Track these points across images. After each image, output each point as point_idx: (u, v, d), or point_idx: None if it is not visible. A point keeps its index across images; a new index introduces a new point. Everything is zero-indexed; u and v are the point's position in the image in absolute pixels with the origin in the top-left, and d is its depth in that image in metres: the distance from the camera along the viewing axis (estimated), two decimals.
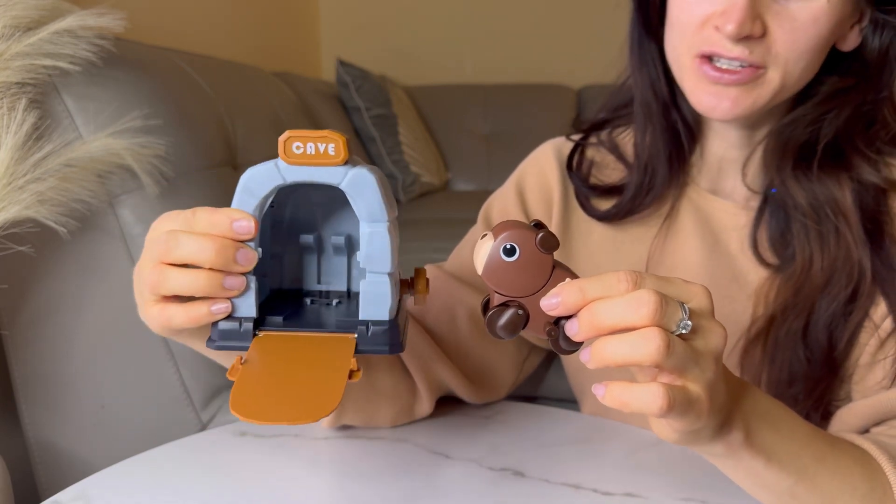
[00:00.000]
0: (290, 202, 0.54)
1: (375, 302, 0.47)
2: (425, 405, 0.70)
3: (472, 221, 0.81)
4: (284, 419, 0.41)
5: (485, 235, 0.45)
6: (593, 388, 0.43)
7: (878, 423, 0.62)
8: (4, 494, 0.86)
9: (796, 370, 0.65)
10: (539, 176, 0.78)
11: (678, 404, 0.41)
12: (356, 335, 0.47)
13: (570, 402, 0.85)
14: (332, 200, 0.53)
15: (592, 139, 0.79)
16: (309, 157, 0.46)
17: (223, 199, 1.13)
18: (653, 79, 0.71)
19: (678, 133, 0.72)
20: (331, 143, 0.45)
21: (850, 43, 0.67)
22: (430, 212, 2.19)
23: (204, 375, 1.01)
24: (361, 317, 0.47)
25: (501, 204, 0.80)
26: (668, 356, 0.40)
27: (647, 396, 0.41)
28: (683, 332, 0.42)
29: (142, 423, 1.01)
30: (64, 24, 0.92)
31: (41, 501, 0.60)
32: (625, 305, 0.41)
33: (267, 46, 2.29)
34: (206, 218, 0.46)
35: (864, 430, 0.63)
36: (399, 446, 0.67)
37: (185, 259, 0.46)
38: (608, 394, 0.42)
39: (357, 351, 0.47)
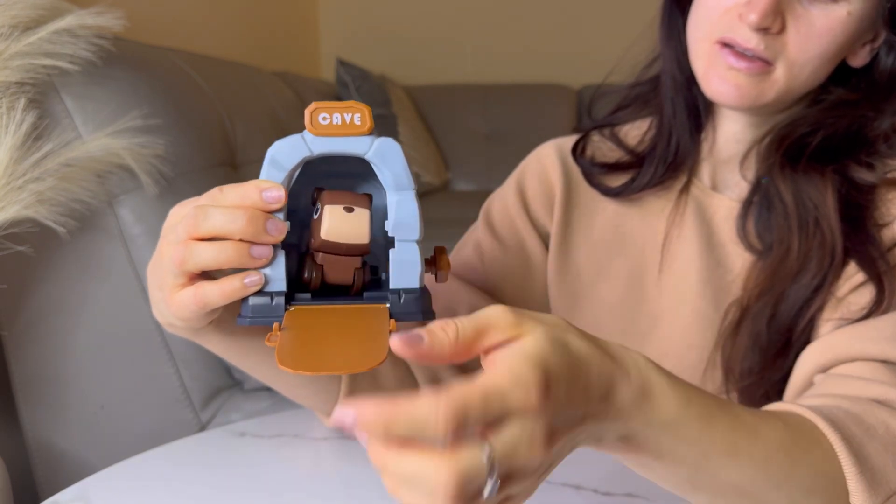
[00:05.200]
0: (304, 194, 0.53)
1: (406, 270, 0.47)
2: None
3: (472, 221, 0.81)
4: (336, 368, 0.42)
5: (352, 209, 0.46)
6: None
7: (823, 370, 0.61)
8: (4, 494, 0.86)
9: (754, 350, 0.66)
10: (540, 172, 0.79)
11: None
12: (388, 304, 0.47)
13: None
14: (349, 188, 0.52)
15: (595, 135, 0.79)
16: (335, 128, 0.46)
17: None
18: (678, 53, 0.72)
19: (699, 109, 0.74)
20: (356, 113, 0.45)
21: (860, 60, 0.68)
22: (430, 212, 2.17)
23: (203, 376, 1.01)
24: (392, 286, 0.47)
25: (502, 202, 0.80)
26: None
27: None
28: (492, 495, 0.34)
29: (141, 424, 1.01)
30: (63, 24, 0.92)
31: (40, 501, 0.59)
32: (421, 490, 0.34)
33: (267, 46, 2.29)
34: (235, 190, 0.46)
35: (810, 378, 0.62)
36: None
37: (215, 231, 0.46)
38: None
39: (391, 317, 0.47)
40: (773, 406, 0.54)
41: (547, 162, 0.79)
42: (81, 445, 1.02)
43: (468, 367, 0.72)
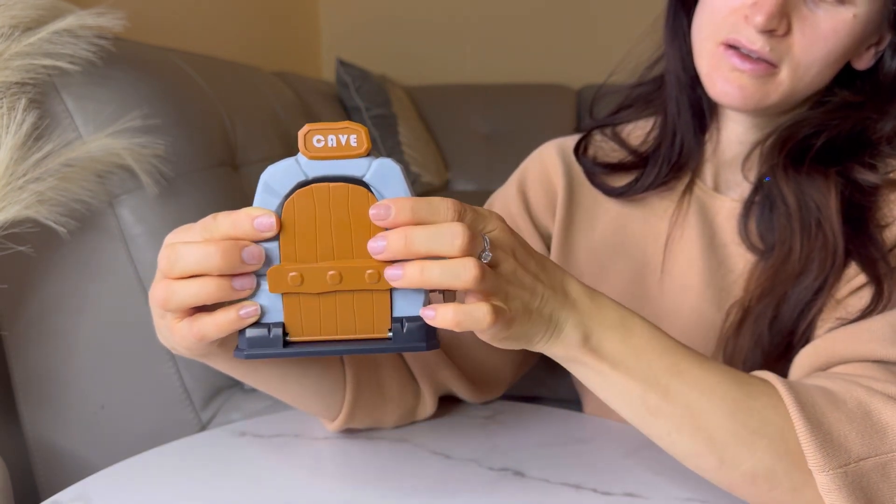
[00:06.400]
0: None
1: (408, 297, 0.46)
2: (428, 407, 0.70)
3: None
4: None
5: None
6: (422, 312, 0.46)
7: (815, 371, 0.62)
8: (4, 494, 0.86)
9: (756, 352, 0.66)
10: (542, 172, 0.79)
11: (500, 318, 0.46)
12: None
13: (570, 402, 0.85)
14: None
15: (597, 135, 0.79)
16: (331, 151, 0.45)
17: (223, 199, 1.13)
18: (683, 53, 0.72)
19: (703, 109, 0.74)
20: (352, 134, 0.44)
21: (864, 63, 0.68)
22: None
23: (204, 375, 1.01)
24: (395, 314, 0.46)
25: (503, 202, 0.80)
26: (481, 283, 0.45)
27: (478, 313, 0.45)
28: (485, 262, 0.46)
29: (142, 424, 1.01)
30: (63, 24, 0.92)
31: (41, 501, 0.59)
32: (440, 236, 0.44)
33: (267, 46, 2.29)
34: (227, 219, 0.45)
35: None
36: (399, 446, 0.67)
37: (190, 271, 0.45)
38: (439, 316, 0.45)
39: (392, 349, 0.46)
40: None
41: (549, 162, 0.79)
42: (82, 445, 1.02)
43: (471, 374, 0.72)
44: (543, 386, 1.04)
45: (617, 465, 0.64)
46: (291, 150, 0.46)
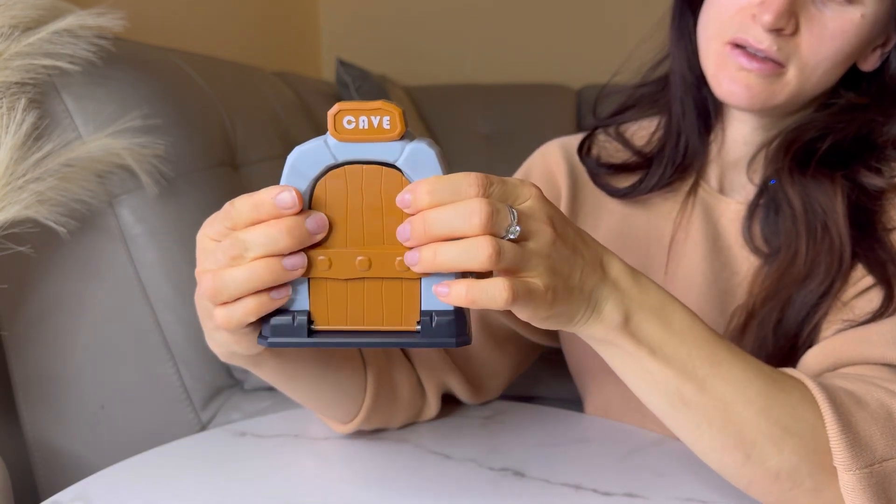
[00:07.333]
0: None
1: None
2: (433, 409, 0.71)
3: None
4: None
5: None
6: (435, 289, 0.43)
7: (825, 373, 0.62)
8: (4, 494, 0.86)
9: (759, 355, 0.66)
10: (545, 171, 0.78)
11: (521, 295, 0.43)
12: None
13: (570, 402, 0.85)
14: None
15: (601, 134, 0.79)
16: (362, 133, 0.42)
17: (223, 199, 1.13)
18: (688, 53, 0.72)
19: (709, 109, 0.73)
20: (385, 116, 0.42)
21: (870, 64, 0.68)
22: None
23: (204, 375, 1.01)
24: (423, 307, 0.44)
25: None
26: (498, 262, 0.42)
27: (493, 290, 0.42)
28: (512, 237, 0.43)
29: (141, 424, 1.01)
30: (63, 24, 0.92)
31: (41, 501, 0.59)
32: (457, 215, 0.42)
33: (267, 46, 2.29)
34: (246, 203, 0.43)
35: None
36: (399, 447, 0.67)
37: (261, 255, 0.43)
38: (453, 293, 0.42)
39: (420, 344, 0.44)
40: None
41: (552, 161, 0.79)
42: (81, 445, 1.02)
43: (471, 377, 0.72)
44: (543, 386, 1.04)
45: (617, 465, 0.64)
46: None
